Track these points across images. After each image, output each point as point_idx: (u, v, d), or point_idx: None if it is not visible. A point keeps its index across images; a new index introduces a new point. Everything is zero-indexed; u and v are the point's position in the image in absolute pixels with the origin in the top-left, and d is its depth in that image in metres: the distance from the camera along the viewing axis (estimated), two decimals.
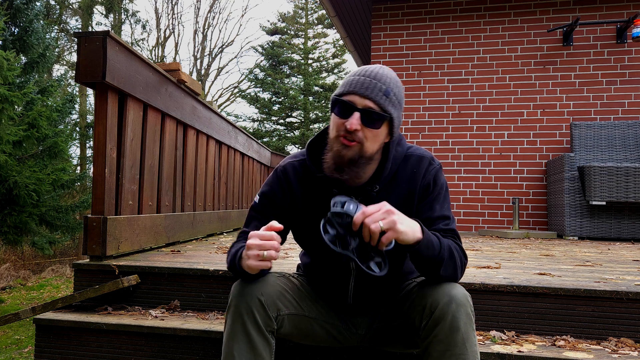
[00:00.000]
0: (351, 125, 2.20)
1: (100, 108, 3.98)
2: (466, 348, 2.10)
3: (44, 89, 12.86)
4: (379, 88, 2.24)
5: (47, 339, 3.41)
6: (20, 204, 10.67)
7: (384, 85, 2.25)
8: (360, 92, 2.23)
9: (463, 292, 2.19)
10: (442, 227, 2.38)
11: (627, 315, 2.98)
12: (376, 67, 2.31)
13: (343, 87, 2.30)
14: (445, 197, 2.46)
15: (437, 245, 2.17)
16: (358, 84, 2.25)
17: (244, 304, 2.23)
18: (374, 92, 2.23)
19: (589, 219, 7.29)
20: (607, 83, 8.52)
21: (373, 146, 2.29)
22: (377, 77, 2.26)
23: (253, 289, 2.26)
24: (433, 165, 2.45)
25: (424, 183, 2.41)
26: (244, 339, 2.21)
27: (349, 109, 2.24)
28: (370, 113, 2.22)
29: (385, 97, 2.24)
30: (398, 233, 2.04)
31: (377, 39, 9.54)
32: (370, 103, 2.22)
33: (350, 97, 2.25)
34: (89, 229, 3.87)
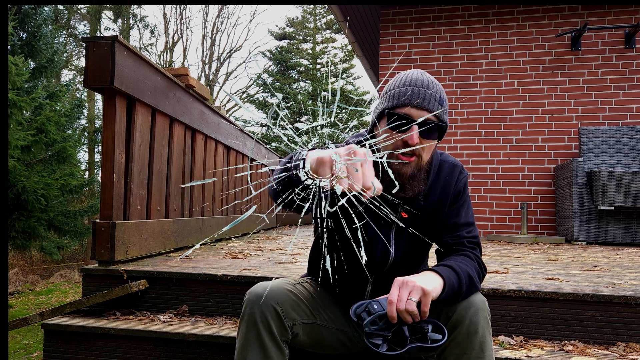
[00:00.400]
0: (412, 140, 2.14)
1: (109, 113, 3.99)
2: (483, 352, 2.10)
3: (52, 94, 12.88)
4: (434, 98, 2.20)
5: (56, 344, 3.42)
6: (29, 208, 10.69)
7: (437, 94, 2.22)
8: (418, 105, 2.17)
9: (481, 297, 2.20)
10: (465, 234, 2.42)
11: (635, 320, 2.97)
12: (420, 74, 2.26)
13: (394, 98, 2.22)
14: (469, 204, 2.50)
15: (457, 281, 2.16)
16: (414, 95, 2.18)
17: (259, 312, 2.20)
18: (430, 103, 2.19)
19: (597, 224, 7.28)
20: (615, 88, 8.51)
21: (428, 156, 2.28)
22: (429, 86, 2.21)
23: (269, 297, 2.23)
24: (464, 174, 2.48)
25: (456, 190, 2.44)
26: (257, 349, 2.19)
27: (406, 123, 2.17)
28: (429, 126, 2.18)
29: (440, 107, 2.21)
30: (430, 295, 2.02)
31: (385, 44, 9.54)
32: (427, 114, 2.17)
33: (407, 109, 2.18)
34: (98, 234, 3.87)
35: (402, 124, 2.18)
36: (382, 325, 2.06)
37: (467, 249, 2.39)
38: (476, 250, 2.40)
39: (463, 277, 2.19)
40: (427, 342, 2.06)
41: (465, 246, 2.40)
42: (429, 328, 2.06)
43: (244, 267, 3.92)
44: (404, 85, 2.23)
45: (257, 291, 2.26)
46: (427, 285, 2.02)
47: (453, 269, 2.19)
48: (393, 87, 2.27)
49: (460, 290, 2.17)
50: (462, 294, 2.18)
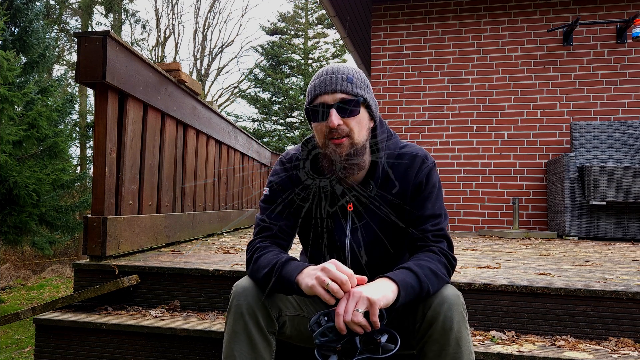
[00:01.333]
0: (332, 123, 2.24)
1: (100, 108, 3.98)
2: (460, 347, 2.11)
3: (44, 89, 12.85)
4: (340, 78, 2.30)
5: (47, 339, 3.41)
6: (20, 204, 10.67)
7: (344, 75, 2.31)
8: (326, 90, 2.29)
9: (454, 292, 2.20)
10: (430, 227, 2.40)
11: (627, 315, 2.98)
12: (331, 65, 2.38)
13: (309, 96, 2.36)
14: (438, 195, 2.47)
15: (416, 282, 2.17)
16: (321, 85, 2.31)
17: (246, 304, 2.22)
18: (338, 84, 2.29)
19: (589, 219, 7.29)
20: (607, 83, 8.53)
21: (361, 133, 2.33)
22: (334, 72, 2.33)
23: (255, 289, 2.25)
24: (426, 164, 2.46)
25: (417, 181, 2.43)
26: (245, 340, 2.20)
27: (324, 110, 2.28)
28: (344, 103, 2.27)
29: (350, 84, 2.30)
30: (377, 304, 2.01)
31: (377, 39, 9.54)
32: (339, 95, 2.27)
33: (320, 98, 2.30)
34: (89, 229, 3.87)
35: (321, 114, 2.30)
36: (333, 336, 2.07)
37: (432, 243, 2.38)
38: (442, 244, 2.38)
39: (423, 275, 2.19)
40: (378, 353, 2.07)
41: (429, 240, 2.39)
42: (381, 338, 2.06)
43: (236, 262, 3.92)
44: (313, 80, 2.37)
45: (243, 284, 2.29)
46: (374, 295, 2.02)
47: (410, 269, 2.20)
48: (308, 86, 2.39)
49: (422, 289, 2.17)
50: (428, 291, 2.18)
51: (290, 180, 2.51)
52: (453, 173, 8.97)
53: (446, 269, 2.30)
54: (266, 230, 2.47)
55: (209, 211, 6.50)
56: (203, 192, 6.31)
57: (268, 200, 2.53)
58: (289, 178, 2.51)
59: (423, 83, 9.25)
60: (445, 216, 2.46)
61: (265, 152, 10.28)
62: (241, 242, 5.84)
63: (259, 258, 2.36)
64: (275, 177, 2.54)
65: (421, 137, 9.08)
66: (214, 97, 36.95)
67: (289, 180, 2.51)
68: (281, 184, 2.50)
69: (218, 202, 7.04)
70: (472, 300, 3.10)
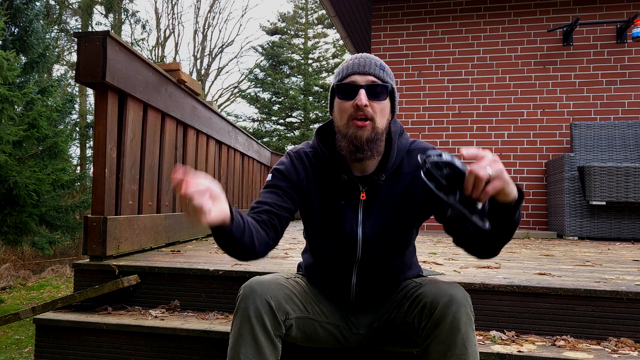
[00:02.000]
0: (361, 101, 2.27)
1: (100, 108, 3.98)
2: (466, 348, 2.10)
3: (44, 89, 12.86)
4: (374, 63, 2.36)
5: (47, 339, 3.41)
6: (20, 204, 10.67)
7: (377, 62, 2.38)
8: (359, 71, 2.33)
9: (463, 292, 2.19)
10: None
11: (627, 315, 2.98)
12: (364, 53, 2.43)
13: (340, 74, 2.40)
14: None
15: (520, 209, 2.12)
16: (355, 65, 2.36)
17: (253, 307, 2.20)
18: (372, 68, 2.34)
19: (589, 219, 7.29)
20: (607, 83, 8.52)
21: (382, 121, 2.36)
22: (368, 57, 2.38)
23: (263, 291, 2.24)
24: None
25: None
26: (251, 343, 2.19)
27: (354, 89, 2.31)
28: (374, 86, 2.31)
29: (382, 71, 2.36)
30: (505, 183, 1.92)
31: (377, 39, 9.54)
32: (371, 77, 2.32)
33: (351, 78, 2.34)
34: (89, 229, 3.87)
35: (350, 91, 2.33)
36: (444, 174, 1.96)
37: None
38: None
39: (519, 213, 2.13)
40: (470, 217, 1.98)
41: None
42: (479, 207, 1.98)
43: (236, 262, 3.91)
44: (349, 61, 2.41)
45: (251, 285, 2.27)
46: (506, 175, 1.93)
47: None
48: (339, 67, 2.45)
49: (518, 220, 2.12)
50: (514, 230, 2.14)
51: (295, 171, 2.51)
52: None
53: None
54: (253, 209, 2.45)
55: None
56: None
57: (269, 184, 2.52)
58: (295, 169, 2.52)
59: (423, 83, 9.25)
60: None
61: (265, 152, 10.29)
62: None
63: None
64: (282, 165, 2.54)
65: (421, 137, 9.07)
66: (214, 97, 36.98)
67: (294, 170, 2.52)
68: (285, 172, 2.51)
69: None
70: (472, 301, 3.10)
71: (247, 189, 8.87)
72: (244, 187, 8.57)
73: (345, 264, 2.53)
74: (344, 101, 2.34)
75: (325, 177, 2.50)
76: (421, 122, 9.19)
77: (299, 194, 2.53)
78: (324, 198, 2.49)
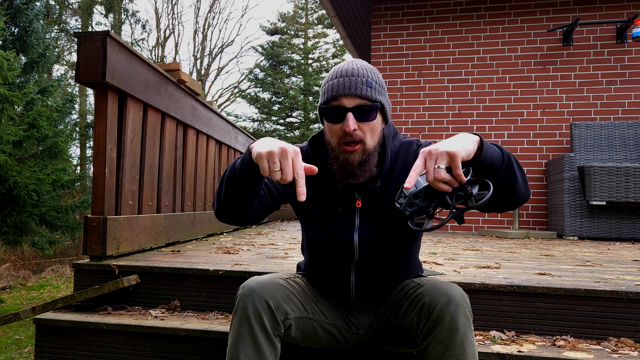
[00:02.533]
0: (348, 127, 2.23)
1: (100, 108, 3.98)
2: (465, 349, 2.10)
3: (44, 89, 12.87)
4: (360, 82, 2.27)
5: (47, 339, 3.41)
6: (20, 204, 10.68)
7: (363, 78, 2.29)
8: (345, 93, 2.26)
9: (461, 293, 2.19)
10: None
11: (627, 315, 2.98)
12: (349, 64, 2.35)
13: (326, 94, 2.33)
14: None
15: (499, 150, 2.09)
16: (340, 86, 2.28)
17: (252, 306, 2.20)
18: (357, 88, 2.26)
19: (589, 219, 7.29)
20: (607, 83, 8.53)
21: (373, 139, 2.33)
22: (354, 74, 2.30)
23: (262, 291, 2.24)
24: (421, 144, 2.48)
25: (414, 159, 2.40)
26: (250, 343, 2.19)
27: (341, 113, 2.27)
28: (361, 109, 2.26)
29: (369, 88, 2.28)
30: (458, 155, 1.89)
31: (377, 39, 9.54)
32: (358, 100, 2.26)
33: (338, 101, 2.28)
34: (89, 229, 3.86)
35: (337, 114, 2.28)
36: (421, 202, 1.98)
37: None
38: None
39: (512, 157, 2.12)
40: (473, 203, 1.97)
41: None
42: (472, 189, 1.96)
43: (236, 262, 3.92)
44: (333, 78, 2.33)
45: (250, 285, 2.27)
46: (452, 147, 1.90)
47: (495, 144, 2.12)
48: (326, 81, 2.37)
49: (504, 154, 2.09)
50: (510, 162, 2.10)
51: None
52: None
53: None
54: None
55: (209, 211, 6.50)
56: (203, 192, 6.31)
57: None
58: None
59: (423, 83, 9.25)
60: None
61: None
62: (241, 242, 5.84)
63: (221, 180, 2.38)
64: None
65: (421, 137, 9.07)
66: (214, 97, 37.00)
67: None
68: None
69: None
70: (472, 300, 3.10)
71: None
72: None
73: (344, 265, 2.53)
74: (332, 124, 2.32)
75: (321, 184, 2.50)
76: (421, 122, 9.19)
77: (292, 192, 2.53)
78: (320, 205, 2.49)
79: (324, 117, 2.35)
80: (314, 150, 2.53)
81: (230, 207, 2.35)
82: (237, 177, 2.24)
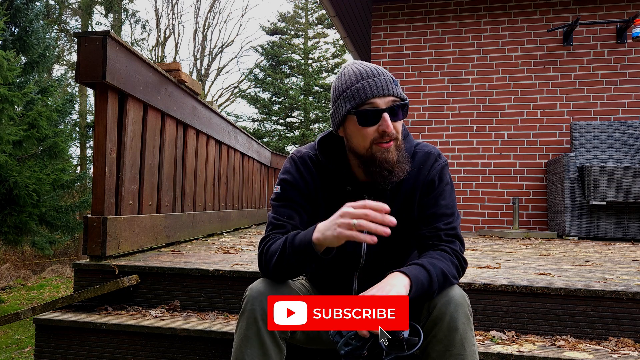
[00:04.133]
0: (389, 128, 2.22)
1: (100, 108, 3.98)
2: (465, 348, 2.10)
3: (44, 89, 12.86)
4: (388, 81, 2.27)
5: (47, 339, 3.42)
6: (20, 204, 10.66)
7: (388, 76, 2.28)
8: (379, 94, 2.23)
9: (461, 293, 2.20)
10: (442, 226, 2.39)
11: (627, 315, 2.98)
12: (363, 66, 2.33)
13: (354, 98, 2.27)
14: (450, 193, 2.46)
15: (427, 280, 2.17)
16: (372, 87, 2.24)
17: (260, 309, 2.19)
18: (389, 87, 2.25)
19: (589, 219, 7.29)
20: (607, 83, 8.52)
21: (401, 135, 2.35)
22: (379, 73, 2.28)
23: (270, 294, 2.23)
24: (439, 162, 2.46)
25: (428, 179, 2.43)
26: (256, 345, 2.19)
27: (375, 115, 2.24)
28: (394, 108, 2.25)
29: (396, 86, 2.28)
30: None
31: (377, 39, 9.54)
32: (391, 98, 2.25)
33: (371, 101, 2.24)
34: (89, 229, 3.87)
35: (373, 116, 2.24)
36: (357, 343, 2.02)
37: (444, 242, 2.37)
38: (454, 244, 2.38)
39: (434, 274, 2.18)
40: (404, 350, 2.04)
41: (442, 240, 2.38)
42: (404, 334, 2.01)
43: (236, 262, 3.92)
44: (357, 81, 2.28)
45: (257, 287, 2.27)
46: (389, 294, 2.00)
47: (423, 266, 2.20)
48: (346, 86, 2.32)
49: (431, 288, 2.17)
50: (434, 292, 2.19)
51: (303, 179, 2.47)
52: (453, 173, 8.95)
53: (457, 270, 2.30)
54: (279, 227, 2.42)
55: (209, 211, 6.50)
56: (203, 192, 6.31)
57: (280, 197, 2.48)
58: (302, 176, 2.48)
59: (423, 83, 9.25)
60: (458, 216, 2.45)
61: (265, 152, 10.29)
62: (241, 242, 5.84)
63: (270, 247, 2.35)
64: (288, 175, 2.49)
65: (421, 137, 9.07)
66: (214, 97, 36.94)
67: (301, 179, 2.48)
68: (294, 182, 2.46)
69: (218, 202, 7.04)
70: (472, 300, 3.08)
71: (247, 189, 8.87)
72: (244, 187, 8.57)
73: (347, 271, 2.53)
74: (365, 127, 2.26)
75: (330, 185, 2.47)
76: (421, 122, 9.19)
77: (309, 201, 2.50)
78: (329, 207, 2.41)
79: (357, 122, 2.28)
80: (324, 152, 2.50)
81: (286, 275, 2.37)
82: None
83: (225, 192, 7.39)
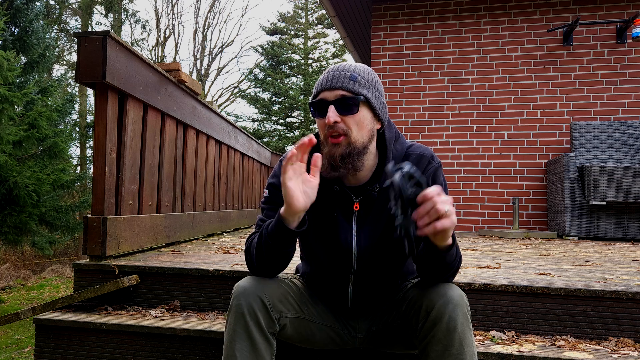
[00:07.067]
0: (329, 119, 2.25)
1: (100, 108, 3.98)
2: (463, 348, 2.10)
3: (44, 89, 12.86)
4: (343, 76, 2.30)
5: (47, 339, 3.41)
6: (20, 204, 10.67)
7: (349, 72, 2.31)
8: (328, 87, 2.29)
9: (459, 292, 2.19)
10: None
11: (627, 315, 2.98)
12: (339, 63, 2.37)
13: (313, 92, 2.36)
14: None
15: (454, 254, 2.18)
16: (324, 81, 2.32)
17: (247, 304, 2.21)
18: (339, 81, 2.28)
19: (589, 219, 7.29)
20: (607, 83, 8.53)
21: (360, 134, 2.31)
22: (340, 69, 2.33)
23: (256, 289, 2.24)
24: (432, 164, 2.44)
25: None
26: (246, 340, 2.19)
27: (323, 106, 2.29)
28: (342, 100, 2.27)
29: (353, 82, 2.29)
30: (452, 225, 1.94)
31: (377, 39, 9.54)
32: (340, 92, 2.27)
33: (321, 95, 2.31)
34: (89, 229, 3.86)
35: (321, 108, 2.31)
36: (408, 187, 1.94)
37: None
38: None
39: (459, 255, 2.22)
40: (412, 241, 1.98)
41: None
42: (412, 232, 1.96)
43: (236, 262, 3.92)
44: (323, 75, 2.37)
45: (244, 284, 2.29)
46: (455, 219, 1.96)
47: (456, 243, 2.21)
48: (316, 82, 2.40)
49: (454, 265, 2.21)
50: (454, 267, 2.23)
51: None
52: (453, 173, 8.97)
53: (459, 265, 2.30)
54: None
55: (209, 211, 6.50)
56: (203, 192, 6.31)
57: (268, 201, 2.51)
58: None
59: (423, 83, 9.25)
60: None
61: (265, 152, 10.29)
62: (241, 242, 5.83)
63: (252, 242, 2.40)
64: (275, 179, 2.51)
65: (421, 137, 9.08)
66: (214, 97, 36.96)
67: None
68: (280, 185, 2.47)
69: (218, 202, 7.04)
70: (472, 300, 3.10)
71: (247, 189, 8.87)
72: (244, 187, 8.57)
73: (341, 275, 2.52)
74: (319, 119, 2.34)
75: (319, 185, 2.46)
76: (421, 122, 9.19)
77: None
78: (316, 209, 2.43)
79: (313, 114, 2.36)
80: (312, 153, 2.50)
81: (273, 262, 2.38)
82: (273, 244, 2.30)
83: (225, 192, 7.39)
